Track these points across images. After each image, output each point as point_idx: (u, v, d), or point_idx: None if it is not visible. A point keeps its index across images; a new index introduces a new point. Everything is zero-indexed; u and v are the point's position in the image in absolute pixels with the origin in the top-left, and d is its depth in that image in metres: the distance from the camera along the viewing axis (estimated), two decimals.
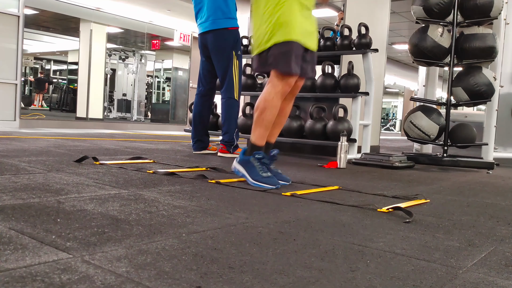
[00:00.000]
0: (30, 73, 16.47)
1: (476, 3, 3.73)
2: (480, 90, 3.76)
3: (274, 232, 1.24)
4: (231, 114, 3.54)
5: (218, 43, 3.45)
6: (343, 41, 4.13)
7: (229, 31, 3.46)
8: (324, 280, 0.89)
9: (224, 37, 3.45)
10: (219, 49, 3.46)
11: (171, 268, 0.89)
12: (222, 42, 3.45)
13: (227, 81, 3.50)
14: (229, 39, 3.46)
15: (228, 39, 3.45)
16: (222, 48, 3.45)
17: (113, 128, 7.89)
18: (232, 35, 3.47)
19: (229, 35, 3.46)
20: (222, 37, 3.44)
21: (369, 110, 4.12)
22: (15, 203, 1.36)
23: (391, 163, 3.47)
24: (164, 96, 14.04)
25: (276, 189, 1.99)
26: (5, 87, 5.86)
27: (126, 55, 12.45)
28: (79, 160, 2.49)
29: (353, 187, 2.25)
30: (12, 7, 5.95)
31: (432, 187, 2.50)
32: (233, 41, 3.48)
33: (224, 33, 3.45)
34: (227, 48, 3.46)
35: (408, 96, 20.00)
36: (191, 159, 3.19)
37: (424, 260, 1.07)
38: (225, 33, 3.45)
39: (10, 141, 3.55)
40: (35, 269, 0.82)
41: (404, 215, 1.57)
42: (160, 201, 1.56)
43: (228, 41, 3.46)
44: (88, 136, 5.09)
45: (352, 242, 1.19)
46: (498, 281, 0.96)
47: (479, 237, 1.36)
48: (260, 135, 2.18)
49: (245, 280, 0.85)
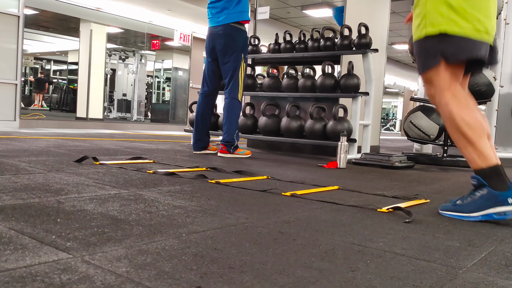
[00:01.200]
0: (30, 73, 16.47)
1: None
2: (480, 90, 3.75)
3: (274, 232, 1.24)
4: (233, 115, 3.56)
5: (228, 44, 3.50)
6: (343, 41, 4.13)
7: (240, 33, 3.52)
8: (324, 280, 0.89)
9: (234, 38, 3.50)
10: (229, 50, 3.51)
11: (171, 268, 0.89)
12: (232, 43, 3.51)
13: (233, 82, 3.55)
14: (239, 41, 3.52)
15: (238, 41, 3.51)
16: (232, 50, 3.51)
17: (113, 128, 7.89)
18: (242, 37, 3.54)
19: (240, 37, 3.52)
20: (233, 39, 3.50)
21: (369, 110, 4.12)
22: (15, 203, 1.36)
23: (391, 163, 3.47)
24: (164, 96, 14.04)
25: (276, 189, 1.99)
26: (5, 87, 5.86)
27: (126, 55, 12.45)
28: (79, 160, 2.49)
29: (353, 187, 2.25)
30: (12, 7, 5.95)
31: (432, 187, 2.50)
32: (242, 44, 3.54)
33: (234, 35, 3.50)
34: (236, 50, 3.52)
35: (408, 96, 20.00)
36: (191, 159, 3.19)
37: (424, 260, 1.07)
38: (235, 34, 3.50)
39: (10, 141, 3.55)
40: (35, 269, 0.82)
41: (404, 215, 1.57)
42: (160, 201, 1.56)
43: (238, 43, 3.52)
44: (88, 136, 5.09)
45: (352, 242, 1.19)
46: (498, 281, 0.96)
47: (479, 237, 1.36)
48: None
49: (245, 280, 0.85)
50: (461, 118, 1.80)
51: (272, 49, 4.67)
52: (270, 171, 2.69)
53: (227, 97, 3.58)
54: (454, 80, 1.88)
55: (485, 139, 1.78)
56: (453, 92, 1.86)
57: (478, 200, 1.70)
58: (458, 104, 1.84)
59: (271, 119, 4.15)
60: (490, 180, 1.72)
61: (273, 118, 4.16)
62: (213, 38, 3.56)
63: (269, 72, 4.66)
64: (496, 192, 1.67)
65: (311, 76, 4.24)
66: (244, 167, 2.81)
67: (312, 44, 4.33)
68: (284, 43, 4.56)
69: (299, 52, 4.44)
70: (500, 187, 1.67)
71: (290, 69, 4.56)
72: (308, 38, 4.44)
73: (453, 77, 1.87)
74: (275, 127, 4.14)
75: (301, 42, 4.48)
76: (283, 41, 4.58)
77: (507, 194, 1.65)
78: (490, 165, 1.73)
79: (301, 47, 4.44)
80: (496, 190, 1.67)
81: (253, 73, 4.66)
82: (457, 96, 1.86)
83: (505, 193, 1.65)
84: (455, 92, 1.86)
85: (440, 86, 1.87)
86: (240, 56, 3.53)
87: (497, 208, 1.65)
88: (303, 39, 4.53)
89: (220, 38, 3.51)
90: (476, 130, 1.79)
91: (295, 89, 4.27)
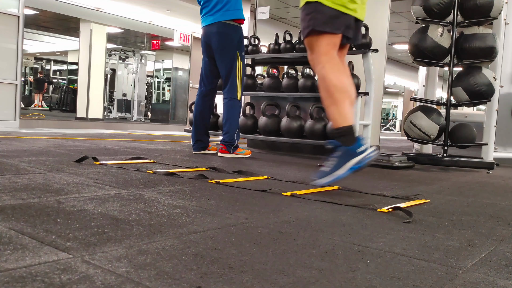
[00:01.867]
0: (30, 73, 16.48)
1: (476, 3, 3.73)
2: (480, 90, 3.75)
3: (274, 232, 1.24)
4: (233, 115, 3.54)
5: (223, 43, 3.45)
6: None
7: (234, 30, 3.47)
8: (324, 280, 0.89)
9: (229, 36, 3.45)
10: (224, 49, 3.46)
11: (171, 268, 0.89)
12: (226, 41, 3.45)
13: (230, 81, 3.51)
14: (233, 39, 3.46)
15: (232, 38, 3.46)
16: (227, 48, 3.45)
17: (113, 128, 7.89)
18: (237, 34, 3.48)
19: (234, 34, 3.47)
20: (227, 37, 3.45)
21: (369, 110, 4.12)
22: (15, 203, 1.36)
23: (391, 163, 3.47)
24: (164, 96, 14.05)
25: (276, 189, 1.99)
26: (5, 87, 5.86)
27: (126, 55, 12.45)
28: (79, 160, 2.49)
29: (353, 187, 2.25)
30: (12, 7, 5.95)
31: (432, 187, 2.50)
32: (237, 41, 3.48)
33: (228, 33, 3.45)
34: (231, 48, 3.46)
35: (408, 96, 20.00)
36: (191, 159, 3.19)
37: (424, 260, 1.07)
38: (230, 32, 3.45)
39: (10, 141, 3.55)
40: (35, 269, 0.82)
41: (404, 215, 1.57)
42: (160, 201, 1.56)
43: (233, 41, 3.46)
44: (88, 136, 5.09)
45: (352, 242, 1.19)
46: (498, 281, 0.96)
47: (479, 237, 1.36)
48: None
49: (245, 280, 0.85)
50: (331, 80, 2.12)
51: (272, 49, 4.67)
52: (270, 171, 2.69)
53: (225, 97, 3.54)
54: (331, 47, 2.18)
55: (348, 102, 2.13)
56: (329, 58, 2.16)
57: (338, 160, 2.06)
58: (332, 68, 2.15)
59: (271, 119, 4.15)
60: (343, 138, 2.08)
61: (273, 118, 4.16)
62: (207, 36, 3.52)
63: (269, 72, 4.66)
64: (348, 148, 2.05)
65: (311, 76, 4.24)
66: (244, 167, 2.81)
67: None
68: (284, 43, 4.55)
69: (299, 52, 4.44)
70: (350, 142, 2.06)
71: (290, 69, 4.56)
72: None
73: (330, 44, 2.17)
74: (275, 127, 4.14)
75: (301, 42, 4.48)
76: (283, 41, 4.57)
77: (355, 146, 2.05)
78: (347, 124, 2.09)
79: (301, 47, 4.43)
80: (348, 146, 2.05)
81: (253, 73, 4.66)
82: (332, 62, 2.16)
83: (353, 146, 2.05)
84: (331, 58, 2.16)
85: (318, 51, 2.18)
86: (236, 55, 3.48)
87: (353, 160, 2.04)
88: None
89: (214, 37, 3.46)
90: (342, 93, 2.12)
91: (295, 89, 4.27)
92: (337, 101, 2.11)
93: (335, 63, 2.16)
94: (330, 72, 2.13)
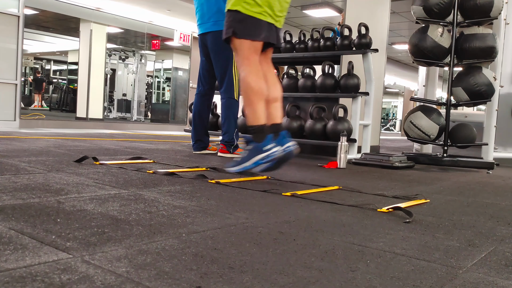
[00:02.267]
0: (30, 73, 16.48)
1: (476, 3, 3.73)
2: (480, 90, 3.76)
3: (274, 232, 1.24)
4: (231, 114, 3.53)
5: (218, 44, 3.45)
6: (343, 41, 4.13)
7: None
8: (324, 280, 0.89)
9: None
10: (219, 49, 3.46)
11: (171, 268, 0.89)
12: (221, 42, 3.45)
13: (226, 81, 3.50)
14: None
15: None
16: (222, 48, 3.44)
17: (113, 128, 7.89)
18: None
19: None
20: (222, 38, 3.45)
21: (369, 110, 4.12)
22: (15, 203, 1.36)
23: (391, 163, 3.47)
24: (164, 96, 14.05)
25: (276, 189, 1.99)
26: (5, 87, 5.86)
27: (126, 55, 12.46)
28: (79, 160, 2.49)
29: (353, 187, 2.25)
30: (12, 7, 5.95)
31: (432, 187, 2.50)
32: None
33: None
34: (226, 48, 3.45)
35: (408, 96, 20.00)
36: (191, 159, 3.19)
37: (424, 260, 1.07)
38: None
39: (10, 141, 3.55)
40: (35, 269, 0.82)
41: (404, 215, 1.57)
42: (160, 201, 1.56)
43: None
44: (88, 136, 5.09)
45: (352, 242, 1.19)
46: (498, 281, 0.96)
47: (479, 237, 1.36)
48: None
49: (245, 280, 0.85)
50: (249, 83, 2.34)
51: None
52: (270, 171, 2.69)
53: (223, 97, 3.53)
54: (252, 52, 2.38)
55: (262, 103, 2.35)
56: (250, 62, 2.36)
57: (249, 153, 2.33)
58: (251, 71, 2.36)
59: None
60: (255, 135, 2.31)
61: None
62: (204, 36, 3.54)
63: None
64: (258, 144, 2.29)
65: (311, 76, 4.24)
66: None
67: (312, 44, 4.33)
68: (284, 43, 4.55)
69: (299, 52, 4.44)
70: (259, 140, 2.30)
71: (290, 69, 4.56)
72: (308, 38, 4.44)
73: (251, 49, 2.37)
74: None
75: (301, 42, 4.48)
76: (283, 41, 4.57)
77: (263, 144, 2.28)
78: (259, 123, 2.33)
79: (301, 47, 4.44)
80: (257, 142, 2.30)
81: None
82: (251, 66, 2.37)
83: (262, 144, 2.28)
84: (251, 62, 2.37)
85: (241, 54, 2.39)
86: (231, 55, 3.45)
87: (259, 156, 2.28)
88: (303, 39, 4.53)
89: (210, 37, 3.48)
90: (257, 95, 2.33)
91: (295, 89, 4.27)
92: (252, 102, 2.34)
93: (255, 67, 2.37)
94: (249, 75, 2.34)
